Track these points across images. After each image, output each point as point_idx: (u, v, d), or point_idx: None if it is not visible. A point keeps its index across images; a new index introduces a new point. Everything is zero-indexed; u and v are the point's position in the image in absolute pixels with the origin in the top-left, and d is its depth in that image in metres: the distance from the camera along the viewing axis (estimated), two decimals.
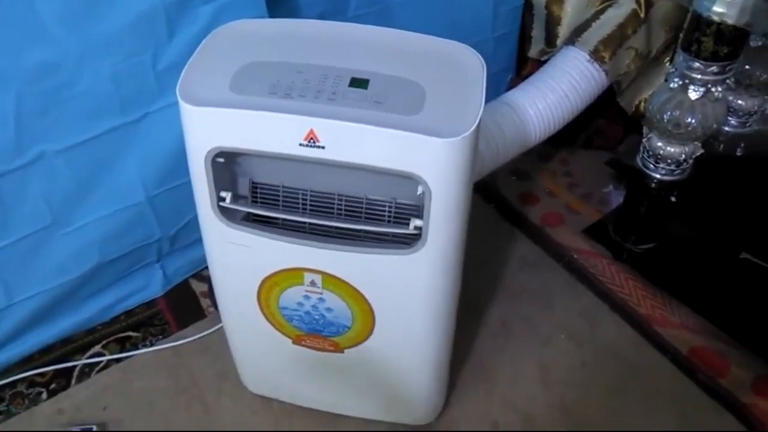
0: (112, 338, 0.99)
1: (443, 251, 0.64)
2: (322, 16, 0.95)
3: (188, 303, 1.03)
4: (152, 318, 1.02)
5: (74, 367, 0.95)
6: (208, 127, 0.60)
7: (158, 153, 0.89)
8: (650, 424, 0.89)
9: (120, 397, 0.92)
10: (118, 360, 0.96)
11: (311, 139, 0.58)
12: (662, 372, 0.95)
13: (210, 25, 0.79)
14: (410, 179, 0.59)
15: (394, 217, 0.66)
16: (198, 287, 1.06)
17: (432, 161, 0.58)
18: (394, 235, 0.65)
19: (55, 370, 0.95)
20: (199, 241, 0.98)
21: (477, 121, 0.58)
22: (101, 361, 0.96)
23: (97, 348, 0.98)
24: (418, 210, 0.63)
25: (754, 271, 1.01)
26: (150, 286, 1.03)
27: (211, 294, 1.04)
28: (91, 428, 0.86)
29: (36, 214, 0.84)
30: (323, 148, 0.58)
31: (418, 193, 0.60)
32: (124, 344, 0.99)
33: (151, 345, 0.98)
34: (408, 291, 0.68)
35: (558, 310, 1.04)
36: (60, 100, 0.78)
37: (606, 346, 0.99)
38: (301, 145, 0.58)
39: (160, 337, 0.99)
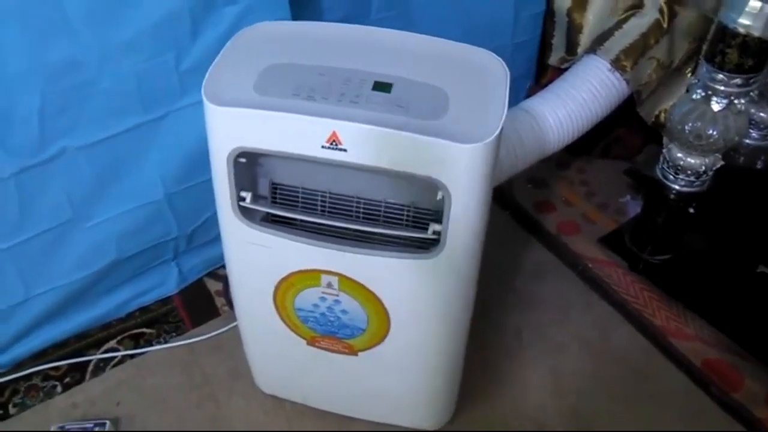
0: (126, 334, 1.00)
1: (461, 257, 0.64)
2: (344, 20, 0.96)
3: (203, 301, 1.04)
4: (167, 315, 1.02)
5: (89, 361, 0.96)
6: (232, 127, 0.61)
7: (178, 152, 0.89)
8: None
9: (133, 392, 0.92)
10: (132, 356, 0.97)
11: (333, 141, 0.58)
12: (675, 384, 0.95)
13: (234, 27, 0.80)
14: (429, 184, 0.59)
15: (413, 222, 0.66)
16: (213, 286, 1.06)
17: (453, 166, 0.58)
18: (413, 239, 0.65)
19: (70, 364, 0.96)
20: (215, 240, 0.99)
21: (500, 127, 0.58)
22: (116, 357, 0.97)
23: (112, 343, 0.99)
24: (437, 215, 0.63)
25: None
26: (166, 283, 1.04)
27: (225, 293, 1.04)
28: (105, 423, 0.87)
29: (56, 209, 0.85)
30: (345, 150, 0.58)
31: (438, 198, 0.60)
32: (138, 340, 0.99)
33: (165, 342, 0.99)
34: (424, 296, 0.68)
35: (572, 319, 1.03)
36: (83, 98, 0.79)
37: (619, 356, 0.98)
38: (323, 147, 0.59)
39: (174, 334, 1.00)
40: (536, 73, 1.24)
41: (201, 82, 0.61)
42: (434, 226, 0.62)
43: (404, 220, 0.66)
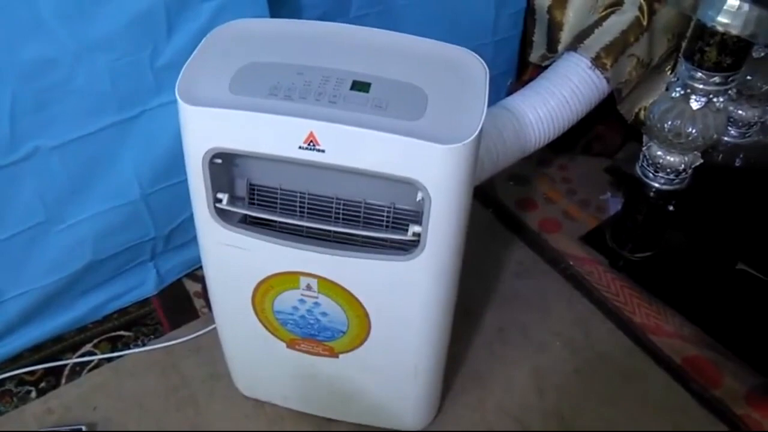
0: (103, 337, 0.98)
1: (442, 258, 0.64)
2: (323, 16, 0.95)
3: (181, 303, 1.02)
4: (145, 317, 1.01)
5: (65, 365, 0.94)
6: (207, 128, 0.60)
7: (155, 151, 0.88)
8: None
9: (110, 397, 0.91)
10: (109, 359, 0.95)
11: (311, 142, 0.57)
12: (656, 381, 0.95)
13: (210, 23, 0.79)
14: (410, 184, 0.58)
15: (393, 223, 0.65)
16: (192, 287, 1.05)
17: (433, 167, 0.57)
18: (392, 240, 0.64)
19: (45, 369, 0.94)
20: (194, 240, 0.97)
21: (479, 127, 0.57)
22: (92, 360, 0.95)
23: (88, 347, 0.97)
24: (417, 216, 0.62)
25: (750, 282, 1.01)
26: (143, 285, 1.02)
27: (204, 294, 1.03)
28: (81, 428, 0.85)
29: (29, 210, 0.83)
30: (323, 151, 0.57)
31: (418, 199, 0.59)
32: (115, 343, 0.97)
33: (143, 345, 0.97)
34: (405, 297, 0.67)
35: (553, 316, 1.03)
36: (56, 96, 0.77)
37: (600, 353, 0.99)
38: (300, 148, 0.58)
39: (152, 337, 0.98)
40: (517, 70, 1.24)
41: (176, 80, 0.60)
42: (414, 228, 0.62)
43: (384, 220, 0.65)
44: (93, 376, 0.94)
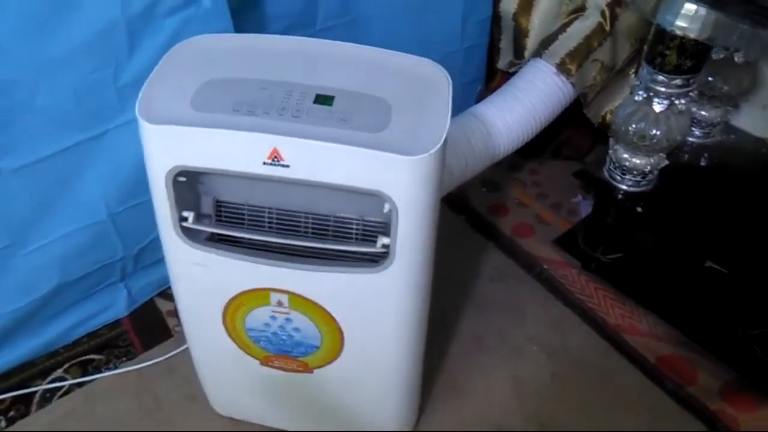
0: (74, 362, 0.96)
1: (412, 269, 0.64)
2: (289, 29, 0.94)
3: (154, 323, 1.01)
4: (116, 339, 0.99)
5: (34, 392, 0.92)
6: (169, 146, 0.59)
7: (120, 169, 0.86)
8: None
9: (82, 423, 0.89)
10: (80, 384, 0.93)
11: (275, 157, 0.57)
12: (632, 381, 0.96)
13: (173, 39, 0.78)
14: (377, 197, 0.58)
15: (362, 235, 0.65)
16: (164, 306, 1.03)
17: (398, 179, 0.57)
18: (362, 253, 0.64)
19: (14, 397, 0.91)
20: (164, 259, 0.96)
21: (443, 137, 0.57)
22: (63, 386, 0.93)
23: (58, 372, 0.95)
24: (386, 227, 0.62)
25: (719, 279, 1.03)
26: (114, 306, 1.00)
27: (177, 313, 1.01)
28: None
29: None
30: (288, 166, 0.57)
31: (385, 210, 0.59)
32: (86, 368, 0.95)
33: (115, 368, 0.95)
34: (377, 309, 0.67)
35: (529, 321, 1.04)
36: (17, 117, 0.75)
37: (577, 356, 0.99)
38: (265, 163, 0.57)
39: (124, 359, 0.96)
40: (486, 77, 1.24)
41: None
42: (383, 240, 0.61)
43: (354, 233, 0.65)
44: (64, 403, 0.91)
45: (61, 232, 0.86)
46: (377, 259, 0.63)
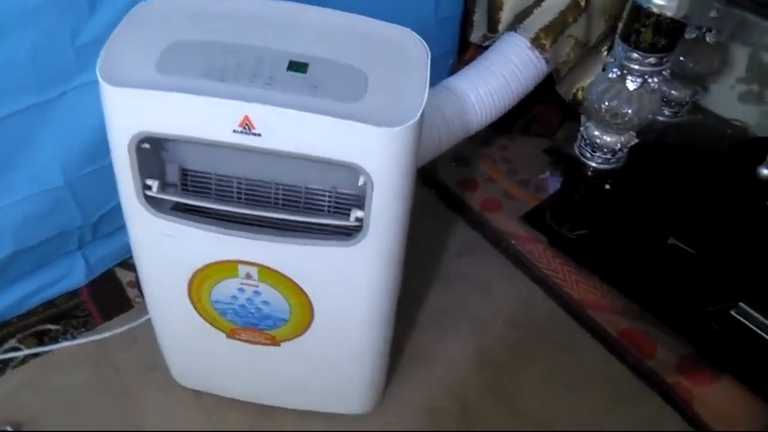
0: (29, 331, 0.93)
1: (385, 243, 0.63)
2: None
3: (113, 293, 0.98)
4: (74, 309, 0.96)
5: None
6: (133, 111, 0.56)
7: (79, 133, 0.82)
8: (581, 405, 0.91)
9: (38, 394, 0.86)
10: (36, 355, 0.90)
11: (246, 125, 0.54)
12: (593, 354, 0.98)
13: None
14: (351, 169, 0.57)
15: (335, 208, 0.63)
16: (124, 276, 1.00)
17: (374, 151, 0.55)
18: (334, 226, 0.62)
19: None
20: (124, 228, 0.92)
21: (421, 109, 0.56)
22: (17, 357, 0.90)
23: (12, 342, 0.91)
24: (360, 200, 0.61)
25: (681, 256, 1.05)
26: (71, 275, 0.97)
27: (138, 283, 0.98)
28: (5, 429, 0.80)
29: None
30: (259, 135, 0.55)
31: (360, 183, 0.58)
32: (42, 338, 0.92)
33: (73, 338, 0.92)
34: (348, 283, 0.66)
35: (495, 295, 1.05)
36: None
37: (541, 330, 1.01)
38: (235, 132, 0.55)
39: (83, 329, 0.94)
40: (459, 50, 1.23)
41: None
42: (356, 213, 0.60)
43: (326, 206, 0.64)
44: (18, 373, 0.88)
45: (16, 198, 0.82)
46: (350, 233, 0.62)
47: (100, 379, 0.88)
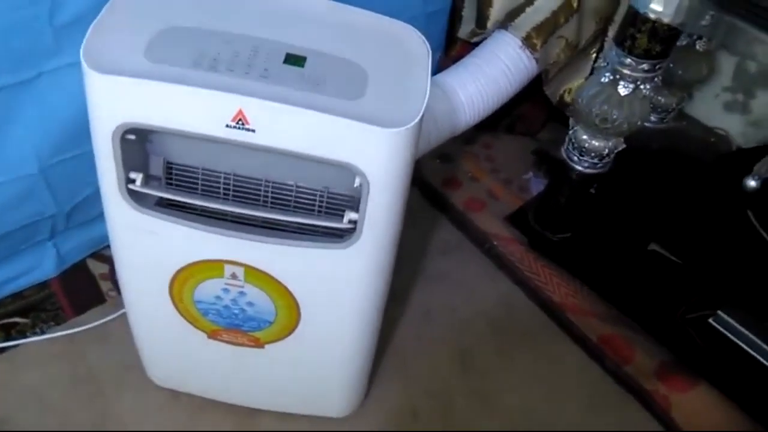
0: None
1: (379, 246, 0.61)
2: None
3: (86, 286, 0.94)
4: (44, 302, 0.92)
5: None
6: (119, 100, 0.53)
7: (54, 119, 0.78)
8: (561, 408, 0.91)
9: (5, 391, 0.82)
10: (2, 350, 0.86)
11: (240, 120, 0.52)
12: (573, 358, 0.98)
13: None
14: (345, 168, 0.55)
15: (326, 209, 0.61)
16: (97, 269, 0.96)
17: (373, 152, 0.54)
18: (326, 228, 0.60)
19: None
20: (100, 217, 0.88)
21: (422, 110, 0.54)
22: None
23: None
24: (353, 202, 0.59)
25: (661, 263, 1.06)
26: (41, 266, 0.92)
27: (112, 276, 0.95)
28: None
29: None
30: (253, 131, 0.52)
31: (356, 185, 0.56)
32: (9, 331, 0.88)
33: (42, 333, 0.88)
34: (338, 287, 0.64)
35: (478, 296, 1.04)
36: None
37: (522, 332, 1.00)
38: (228, 126, 0.52)
39: (53, 323, 0.90)
40: (445, 45, 1.21)
41: (80, 39, 0.52)
42: (350, 215, 0.58)
43: (317, 206, 0.61)
44: None
45: None
46: (342, 235, 0.60)
47: (71, 376, 0.85)
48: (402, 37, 0.59)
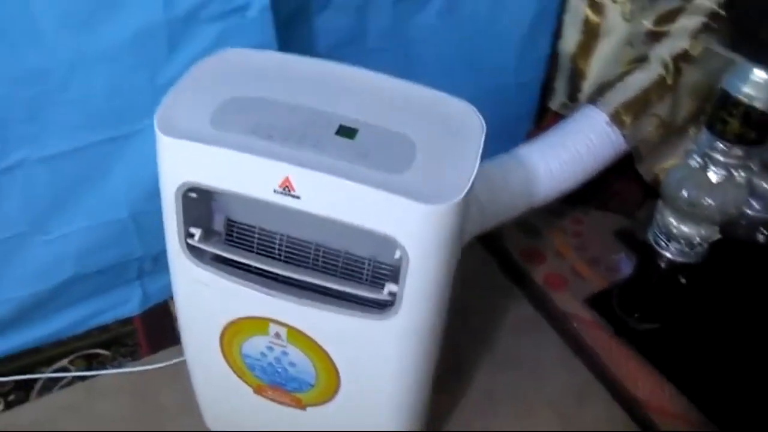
0: (80, 353, 0.95)
1: (418, 321, 0.59)
2: (337, 45, 0.92)
3: (165, 325, 0.99)
4: (125, 337, 0.98)
5: (36, 380, 0.92)
6: (182, 161, 0.57)
7: (147, 171, 0.84)
8: None
9: (79, 418, 0.87)
10: (82, 378, 0.92)
11: (286, 187, 0.54)
12: None
13: (215, 46, 0.76)
14: (390, 240, 0.55)
15: (373, 276, 0.61)
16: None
17: (413, 226, 0.53)
18: (367, 298, 0.60)
19: (16, 381, 0.91)
20: None
21: (467, 187, 0.53)
22: (66, 377, 0.92)
23: (63, 362, 0.94)
24: (395, 273, 0.58)
25: (762, 370, 0.94)
26: (127, 303, 0.99)
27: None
28: None
29: (11, 219, 0.81)
30: (298, 198, 0.54)
31: (396, 257, 0.55)
32: (91, 361, 0.95)
33: (120, 366, 0.94)
34: (377, 357, 0.63)
35: (548, 382, 0.97)
36: (47, 107, 0.75)
37: (593, 426, 0.92)
38: (275, 192, 0.54)
39: (130, 358, 0.95)
40: (538, 116, 1.19)
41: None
42: (390, 286, 0.58)
43: (364, 274, 0.61)
44: (64, 394, 0.91)
45: (81, 225, 0.86)
46: (382, 306, 0.59)
47: (138, 411, 0.89)
48: (458, 113, 0.59)
